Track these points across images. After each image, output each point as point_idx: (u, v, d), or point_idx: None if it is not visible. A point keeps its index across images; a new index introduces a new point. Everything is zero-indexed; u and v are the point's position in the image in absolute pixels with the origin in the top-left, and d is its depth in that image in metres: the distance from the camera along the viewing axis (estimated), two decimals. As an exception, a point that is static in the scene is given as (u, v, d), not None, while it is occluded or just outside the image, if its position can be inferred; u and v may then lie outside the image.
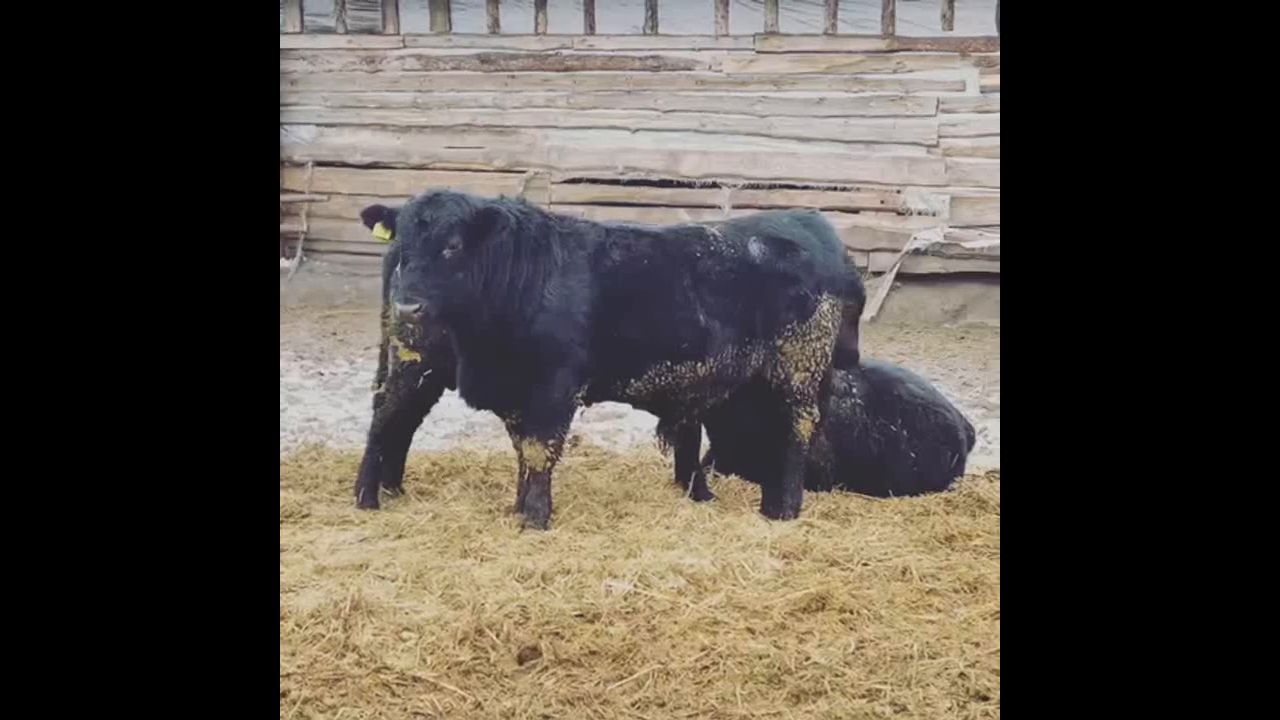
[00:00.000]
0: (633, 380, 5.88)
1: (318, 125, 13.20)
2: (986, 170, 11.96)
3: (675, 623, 4.69)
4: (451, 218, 5.34)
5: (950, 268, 12.21)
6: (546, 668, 4.37)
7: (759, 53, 12.57)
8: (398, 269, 5.54)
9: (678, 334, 5.82)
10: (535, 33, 13.05)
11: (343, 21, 13.48)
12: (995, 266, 11.94)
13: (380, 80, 13.28)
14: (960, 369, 10.32)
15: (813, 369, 6.05)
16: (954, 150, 12.17)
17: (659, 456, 7.01)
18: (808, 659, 4.35)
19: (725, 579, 5.11)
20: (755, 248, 5.97)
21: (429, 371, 6.04)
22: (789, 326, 5.98)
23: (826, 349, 6.08)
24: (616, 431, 8.07)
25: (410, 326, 5.78)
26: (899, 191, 12.30)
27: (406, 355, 5.97)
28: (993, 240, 11.88)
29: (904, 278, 12.13)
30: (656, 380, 5.87)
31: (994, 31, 11.95)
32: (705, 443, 6.72)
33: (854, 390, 6.59)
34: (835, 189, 12.33)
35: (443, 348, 5.87)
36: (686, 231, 6.07)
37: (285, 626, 4.68)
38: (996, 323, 12.02)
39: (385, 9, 13.40)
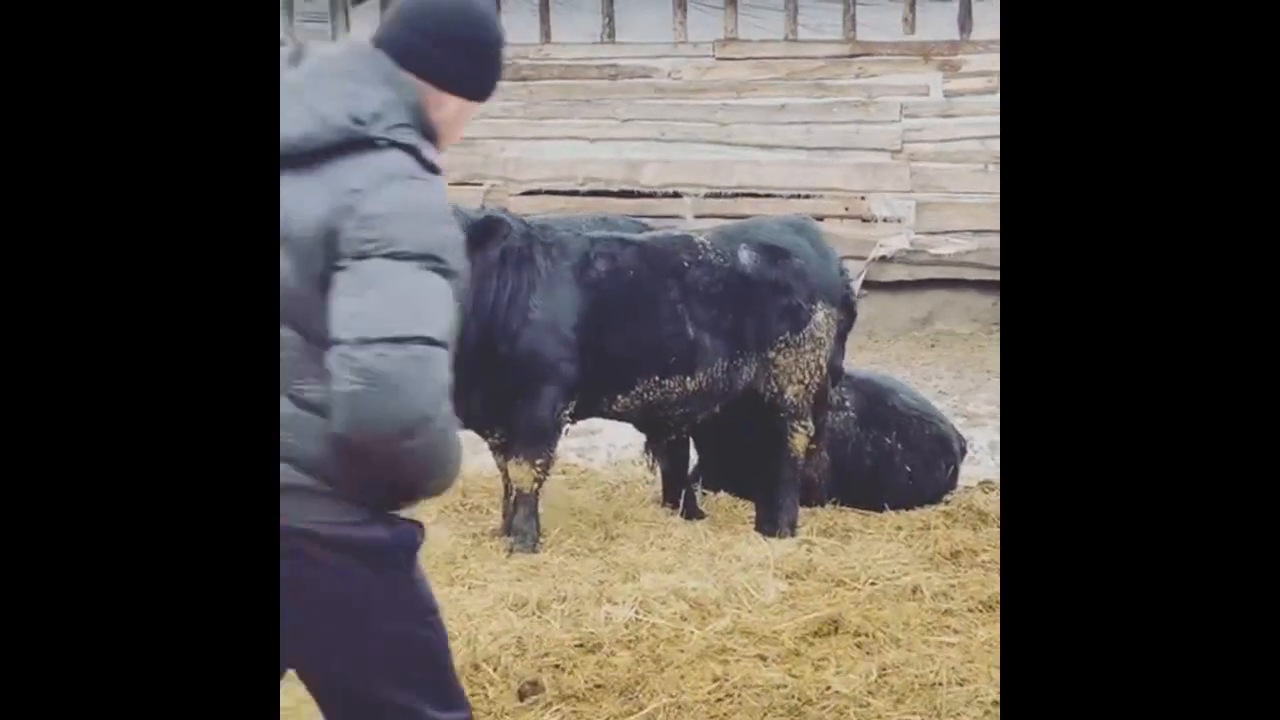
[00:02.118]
0: (620, 396, 5.63)
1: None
2: (952, 175, 11.81)
3: (682, 651, 4.45)
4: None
5: (917, 274, 12.02)
6: (550, 704, 4.12)
7: (718, 59, 12.36)
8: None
9: (666, 347, 5.57)
10: (489, 42, 12.78)
11: (291, 33, 13.17)
12: (963, 273, 11.82)
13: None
14: (935, 377, 10.14)
15: (806, 381, 5.82)
16: (919, 155, 11.97)
17: (640, 473, 6.78)
18: (828, 688, 4.12)
19: (729, 603, 4.88)
20: (745, 256, 5.74)
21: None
22: (782, 338, 5.75)
23: (821, 360, 5.85)
24: (591, 448, 7.81)
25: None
26: (863, 198, 12.10)
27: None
28: (959, 246, 11.73)
29: (870, 285, 11.92)
30: (645, 395, 5.63)
31: (956, 35, 11.81)
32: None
33: (847, 403, 6.38)
34: (799, 196, 12.10)
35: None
36: (673, 240, 5.83)
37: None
38: (966, 330, 11.88)
39: (335, 20, 13.11)
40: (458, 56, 2.68)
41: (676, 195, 12.32)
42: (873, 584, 5.09)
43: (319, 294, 2.51)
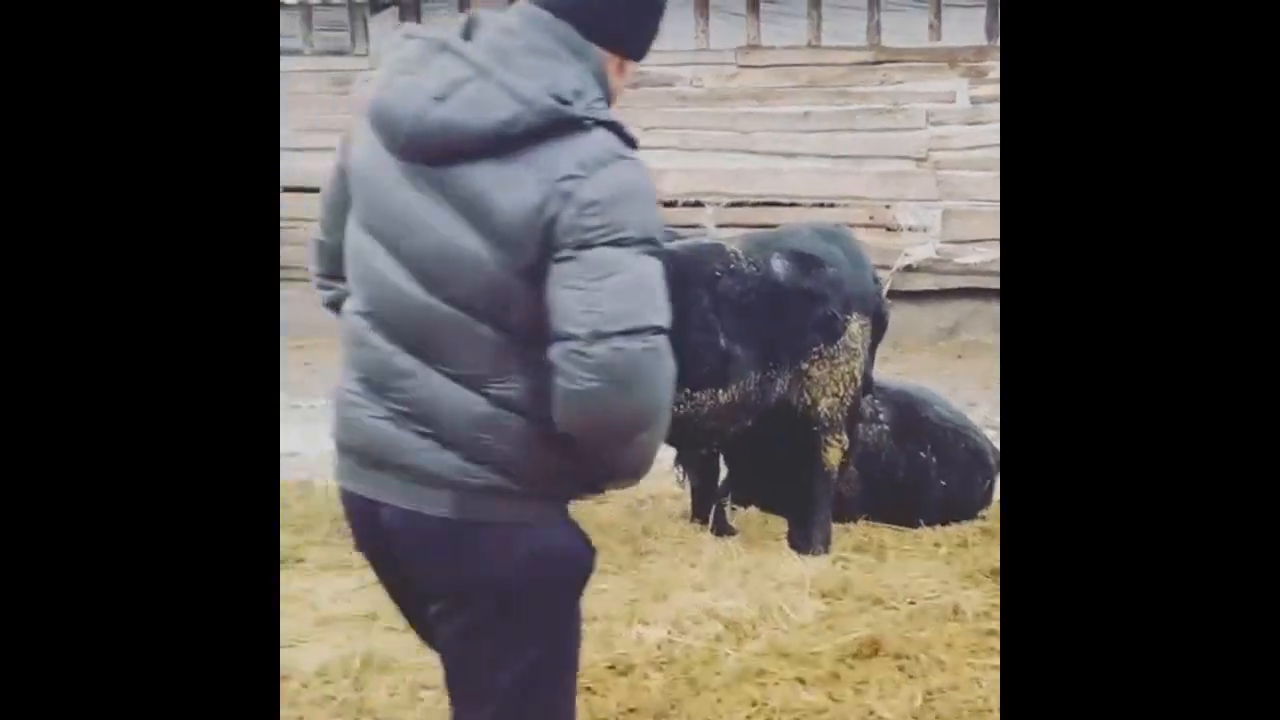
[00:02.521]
0: (649, 409, 5.48)
1: (286, 150, 12.69)
2: (978, 183, 11.63)
3: (717, 674, 4.31)
4: None
5: (943, 284, 11.85)
6: (583, 728, 3.98)
7: (741, 67, 12.21)
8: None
9: (697, 359, 5.40)
10: (509, 50, 12.64)
11: (310, 42, 13.07)
12: (990, 282, 11.62)
13: (350, 102, 12.81)
14: (963, 389, 9.96)
15: (841, 393, 5.66)
16: (945, 163, 11.81)
17: (667, 487, 6.62)
18: (871, 713, 3.98)
19: (765, 623, 4.73)
20: (778, 264, 5.58)
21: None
22: (816, 349, 5.60)
23: (855, 372, 5.70)
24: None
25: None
26: (888, 207, 11.95)
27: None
28: (986, 255, 11.56)
29: (895, 295, 11.72)
30: (675, 408, 5.45)
31: (983, 40, 11.66)
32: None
33: (880, 416, 6.22)
34: (822, 205, 11.95)
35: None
36: (704, 248, 5.67)
37: (290, 687, 4.28)
38: (993, 340, 11.69)
39: (354, 29, 12.99)
40: (639, 21, 2.60)
41: (698, 204, 12.17)
42: (912, 603, 4.95)
43: (526, 286, 2.40)
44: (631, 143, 2.46)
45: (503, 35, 2.49)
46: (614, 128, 2.43)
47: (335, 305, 2.78)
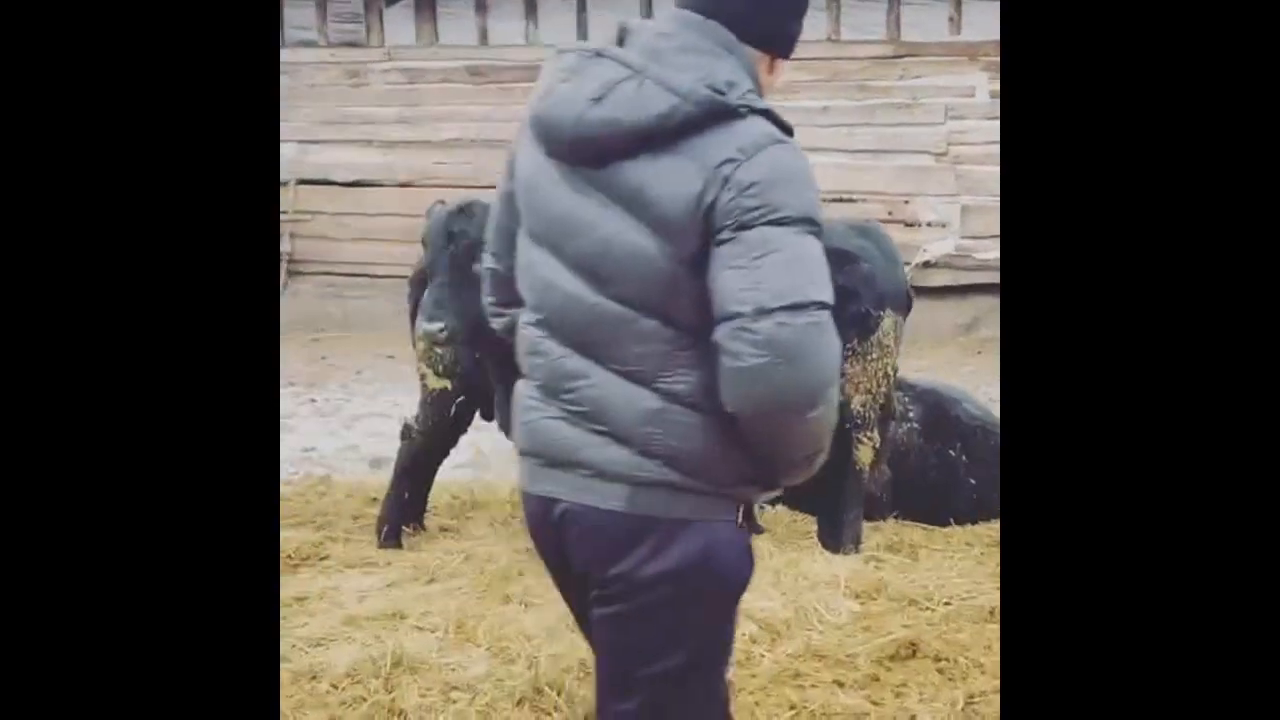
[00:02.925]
0: (679, 407, 5.42)
1: (300, 142, 12.65)
2: (997, 178, 11.52)
3: (753, 675, 4.24)
4: (483, 229, 4.89)
5: (962, 280, 11.77)
6: (619, 732, 3.90)
7: (759, 60, 12.13)
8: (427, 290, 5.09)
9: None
10: (526, 43, 12.58)
11: (324, 34, 12.99)
12: (1009, 278, 11.55)
13: (365, 94, 12.77)
14: (983, 386, 9.88)
15: (874, 391, 5.59)
16: (964, 158, 11.72)
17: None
18: (913, 717, 3.91)
19: (800, 624, 4.66)
20: (810, 260, 5.50)
21: (461, 399, 5.57)
22: (849, 346, 5.52)
23: (888, 369, 5.63)
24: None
25: (439, 351, 5.35)
26: (907, 202, 11.86)
27: (435, 383, 5.53)
28: (1006, 251, 11.48)
29: (914, 291, 11.67)
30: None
31: (1003, 35, 11.58)
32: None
33: (910, 414, 6.15)
34: (841, 200, 11.85)
35: (474, 373, 5.42)
36: (734, 244, 5.61)
37: (320, 687, 4.23)
38: (1012, 336, 11.61)
39: (369, 20, 12.92)
40: (785, 20, 2.66)
41: (716, 199, 12.09)
42: (947, 604, 4.87)
43: (690, 276, 2.43)
44: (788, 130, 2.50)
45: (657, 38, 2.55)
46: (769, 115, 2.48)
47: (510, 331, 2.82)
